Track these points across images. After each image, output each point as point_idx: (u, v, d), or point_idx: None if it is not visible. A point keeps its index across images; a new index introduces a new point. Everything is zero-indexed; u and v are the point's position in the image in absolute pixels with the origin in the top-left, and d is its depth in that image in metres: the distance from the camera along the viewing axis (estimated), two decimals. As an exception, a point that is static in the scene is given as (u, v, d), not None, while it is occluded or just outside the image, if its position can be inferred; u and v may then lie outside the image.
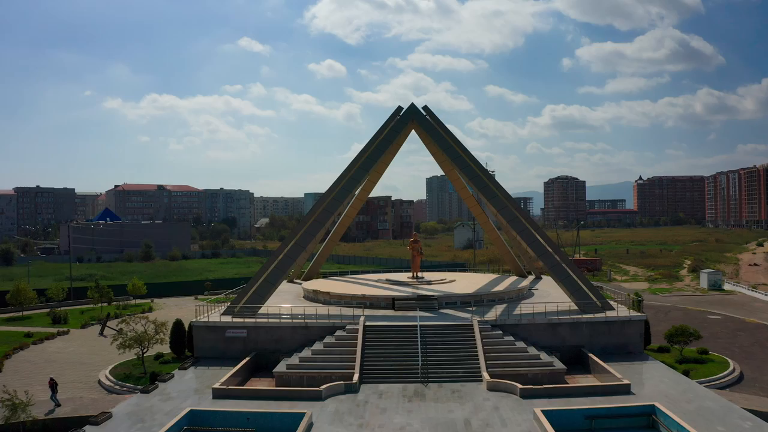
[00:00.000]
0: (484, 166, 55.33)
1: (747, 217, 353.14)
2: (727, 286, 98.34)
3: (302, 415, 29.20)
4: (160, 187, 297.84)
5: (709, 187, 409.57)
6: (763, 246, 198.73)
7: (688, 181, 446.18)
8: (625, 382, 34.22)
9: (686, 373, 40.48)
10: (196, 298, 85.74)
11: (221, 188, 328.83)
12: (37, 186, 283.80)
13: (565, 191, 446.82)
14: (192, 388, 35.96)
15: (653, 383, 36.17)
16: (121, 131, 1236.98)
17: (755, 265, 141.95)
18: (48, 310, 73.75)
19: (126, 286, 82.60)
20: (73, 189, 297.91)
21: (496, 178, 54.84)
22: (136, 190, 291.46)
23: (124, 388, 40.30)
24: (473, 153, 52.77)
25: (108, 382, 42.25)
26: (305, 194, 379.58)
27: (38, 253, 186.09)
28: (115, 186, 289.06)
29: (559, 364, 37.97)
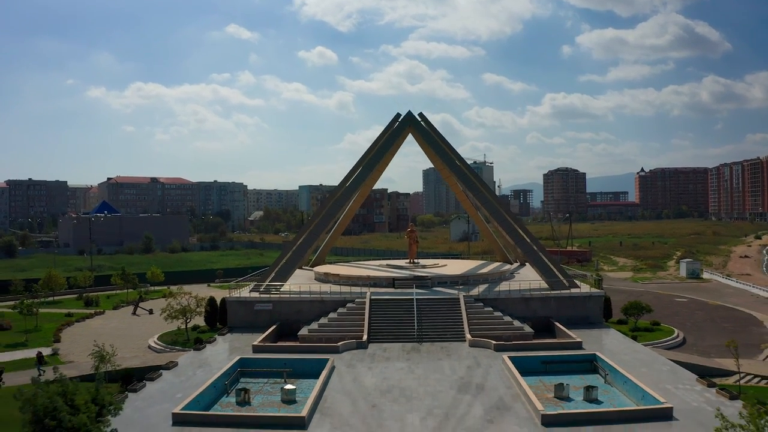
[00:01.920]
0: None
1: (750, 210, 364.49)
2: (705, 275, 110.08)
3: (326, 360, 40.51)
4: (154, 180, 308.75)
5: (712, 179, 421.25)
6: (760, 239, 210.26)
7: (691, 173, 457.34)
8: (578, 340, 45.68)
9: (634, 338, 51.97)
10: (208, 285, 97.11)
11: (215, 181, 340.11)
12: (30, 179, 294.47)
13: (565, 183, 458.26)
14: (234, 347, 47.26)
15: (602, 342, 47.68)
16: (106, 121, 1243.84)
17: (746, 257, 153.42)
18: (76, 295, 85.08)
19: (144, 275, 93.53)
20: (66, 182, 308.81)
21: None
22: (129, 183, 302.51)
23: (174, 350, 51.51)
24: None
25: (158, 347, 53.60)
26: (300, 187, 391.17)
27: (36, 246, 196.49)
28: (108, 179, 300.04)
29: (528, 329, 49.52)
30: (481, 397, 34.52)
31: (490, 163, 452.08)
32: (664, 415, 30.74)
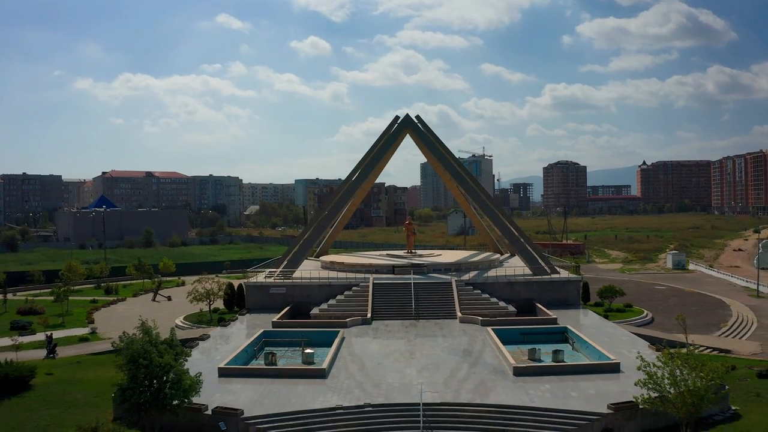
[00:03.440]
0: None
1: (753, 204, 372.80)
2: (691, 266, 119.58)
3: (337, 332, 49.72)
4: (149, 174, 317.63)
5: (714, 172, 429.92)
6: (759, 232, 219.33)
7: (694, 166, 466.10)
8: (554, 316, 54.99)
9: (606, 317, 61.28)
10: (216, 276, 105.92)
11: (210, 175, 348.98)
12: (24, 173, 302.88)
13: (566, 177, 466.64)
14: (255, 324, 56.38)
15: (576, 319, 57.04)
16: (94, 113, 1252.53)
17: (740, 250, 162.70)
18: (93, 285, 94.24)
19: (156, 266, 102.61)
20: (60, 176, 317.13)
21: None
22: (124, 177, 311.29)
23: (201, 328, 60.60)
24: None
25: (185, 325, 62.80)
26: (296, 181, 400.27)
27: (36, 240, 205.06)
28: (103, 173, 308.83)
29: (511, 308, 58.92)
30: (467, 358, 43.88)
31: (489, 156, 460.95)
32: (613, 368, 40.09)
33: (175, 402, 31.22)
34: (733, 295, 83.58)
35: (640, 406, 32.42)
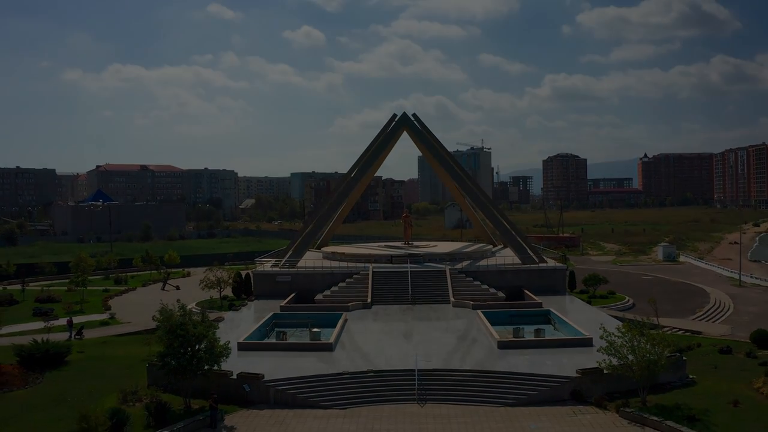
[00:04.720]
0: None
1: (756, 197, 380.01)
2: (682, 258, 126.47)
3: (341, 315, 56.44)
4: (143, 168, 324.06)
5: (717, 165, 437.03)
6: (759, 226, 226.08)
7: (696, 159, 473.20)
8: (539, 301, 61.75)
9: (589, 302, 68.08)
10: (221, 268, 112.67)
11: (205, 168, 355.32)
12: (18, 167, 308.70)
13: (566, 169, 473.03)
14: (264, 308, 63.01)
15: (560, 304, 63.71)
16: (83, 105, 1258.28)
17: (735, 243, 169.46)
18: (102, 276, 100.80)
19: (161, 258, 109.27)
20: (54, 170, 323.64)
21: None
22: (118, 171, 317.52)
23: (213, 313, 67.11)
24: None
25: (198, 311, 69.26)
26: (292, 174, 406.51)
27: (33, 234, 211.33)
28: (97, 166, 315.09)
29: (501, 294, 65.74)
30: (459, 336, 50.74)
31: (488, 149, 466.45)
32: (586, 343, 46.79)
33: (206, 367, 37.79)
34: (717, 284, 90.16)
35: (605, 371, 39.19)
